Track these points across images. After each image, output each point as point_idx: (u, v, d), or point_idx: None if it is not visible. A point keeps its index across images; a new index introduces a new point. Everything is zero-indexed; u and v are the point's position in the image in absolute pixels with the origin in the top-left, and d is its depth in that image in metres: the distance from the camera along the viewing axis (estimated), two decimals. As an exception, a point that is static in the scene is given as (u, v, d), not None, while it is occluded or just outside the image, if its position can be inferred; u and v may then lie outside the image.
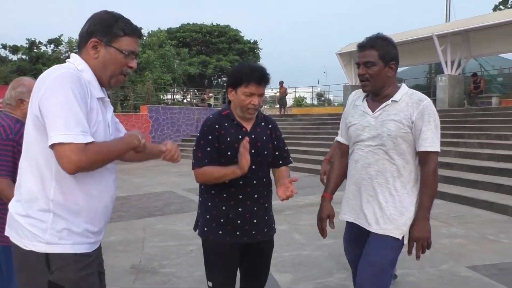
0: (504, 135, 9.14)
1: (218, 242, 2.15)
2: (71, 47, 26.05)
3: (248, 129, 2.17)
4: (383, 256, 2.01)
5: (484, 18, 14.57)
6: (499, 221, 5.41)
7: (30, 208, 1.47)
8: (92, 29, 1.55)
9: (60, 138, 1.33)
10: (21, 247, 1.46)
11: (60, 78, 1.40)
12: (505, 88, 17.70)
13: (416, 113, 1.99)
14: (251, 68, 2.12)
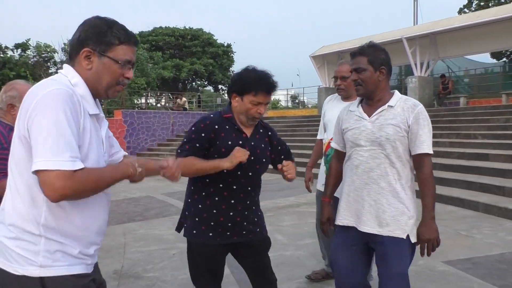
0: (473, 134, 9.52)
1: (206, 244, 2.12)
2: (39, 52, 25.39)
3: (249, 135, 2.17)
4: (401, 265, 2.05)
5: (450, 21, 15.09)
6: (470, 217, 5.64)
7: (19, 231, 1.34)
8: (84, 37, 1.42)
9: (44, 164, 1.21)
10: (12, 272, 1.33)
11: (51, 97, 1.27)
12: (471, 89, 18.39)
13: (412, 117, 2.06)
14: (260, 77, 2.08)
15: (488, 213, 5.68)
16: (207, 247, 2.14)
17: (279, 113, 21.89)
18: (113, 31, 1.43)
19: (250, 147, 2.11)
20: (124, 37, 1.44)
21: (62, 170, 1.21)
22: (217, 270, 2.24)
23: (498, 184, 6.32)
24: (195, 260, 2.20)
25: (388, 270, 2.04)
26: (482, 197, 6.12)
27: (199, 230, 2.13)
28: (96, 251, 1.50)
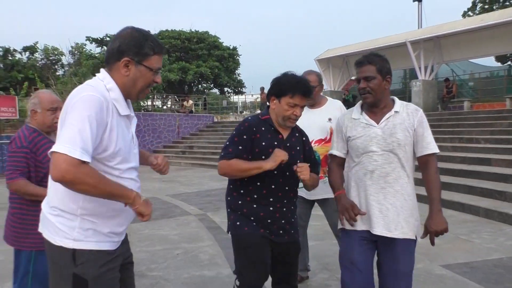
0: (475, 139, 9.54)
1: (254, 234, 2.19)
2: (47, 55, 25.73)
3: (284, 137, 2.27)
4: (410, 265, 2.19)
5: (454, 24, 15.11)
6: (470, 221, 5.70)
7: (61, 210, 1.61)
8: (123, 48, 1.62)
9: (58, 148, 1.42)
10: (52, 242, 1.61)
11: (82, 101, 1.50)
12: (475, 93, 18.37)
13: (416, 121, 2.19)
14: (297, 80, 2.20)
15: (489, 218, 5.72)
16: (252, 236, 2.19)
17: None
18: (149, 43, 1.65)
19: (286, 148, 2.21)
20: (157, 48, 1.67)
21: (71, 156, 1.41)
22: (266, 265, 2.24)
23: (500, 189, 6.36)
24: (241, 252, 2.23)
25: (399, 269, 2.16)
26: (483, 202, 6.16)
27: (243, 221, 2.21)
28: (124, 230, 1.75)
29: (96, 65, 21.75)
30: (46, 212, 1.67)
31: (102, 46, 24.71)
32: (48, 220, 1.65)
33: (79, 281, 1.59)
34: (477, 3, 24.08)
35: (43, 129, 2.65)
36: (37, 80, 19.13)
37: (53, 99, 2.67)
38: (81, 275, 1.59)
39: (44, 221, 1.68)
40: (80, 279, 1.59)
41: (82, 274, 1.59)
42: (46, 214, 1.66)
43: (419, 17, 23.72)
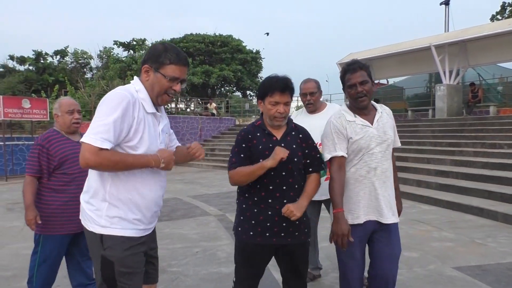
0: (498, 144, 9.42)
1: (248, 242, 2.29)
2: (76, 58, 26.59)
3: (278, 138, 2.31)
4: (400, 247, 2.45)
5: (481, 28, 14.87)
6: (488, 226, 5.69)
7: (92, 198, 1.88)
8: (146, 57, 1.92)
9: (86, 139, 1.72)
10: (86, 228, 1.90)
11: (112, 97, 1.78)
12: (503, 97, 17.95)
13: (392, 119, 2.49)
14: (274, 79, 2.27)
15: (507, 223, 5.71)
16: (248, 245, 2.30)
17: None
18: (167, 54, 1.89)
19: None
20: (174, 59, 1.89)
21: (92, 146, 1.70)
22: (257, 268, 2.37)
23: (519, 194, 6.32)
24: (237, 256, 2.40)
25: (393, 251, 2.39)
26: (501, 207, 6.13)
27: (243, 228, 2.32)
28: (152, 218, 1.98)
29: (122, 68, 22.37)
30: (81, 201, 1.94)
31: (129, 50, 25.36)
32: (82, 208, 1.93)
33: (106, 262, 1.85)
34: (507, 7, 23.53)
35: (64, 129, 3.01)
36: (67, 83, 19.82)
37: (70, 103, 3.03)
38: (107, 257, 1.84)
39: (81, 209, 1.95)
40: (107, 260, 1.84)
41: (109, 256, 1.83)
42: (81, 202, 1.94)
43: (446, 20, 23.41)
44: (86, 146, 1.71)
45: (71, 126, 3.00)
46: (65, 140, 2.96)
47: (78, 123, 3.03)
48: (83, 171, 2.82)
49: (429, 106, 17.73)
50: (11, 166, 13.50)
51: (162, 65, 1.88)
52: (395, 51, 17.30)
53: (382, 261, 2.37)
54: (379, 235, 2.40)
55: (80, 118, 3.06)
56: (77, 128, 3.04)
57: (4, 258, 4.57)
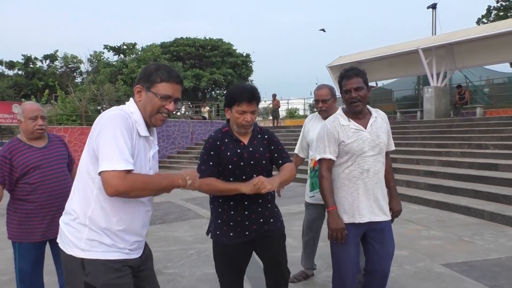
0: (485, 144, 9.64)
1: (229, 244, 2.39)
2: (66, 63, 26.45)
3: (246, 143, 2.41)
4: (393, 244, 2.58)
5: (467, 32, 15.18)
6: (475, 224, 5.85)
7: (72, 220, 1.76)
8: (138, 78, 1.86)
9: (105, 166, 1.59)
10: (64, 251, 1.76)
11: (111, 118, 1.69)
12: (490, 99, 18.30)
13: (387, 123, 2.61)
14: (241, 89, 2.34)
15: (493, 221, 5.87)
16: (229, 247, 2.41)
17: (296, 122, 22.17)
18: (158, 72, 1.83)
19: (248, 152, 2.38)
20: (165, 77, 1.82)
21: (117, 171, 1.58)
22: (239, 267, 2.49)
23: (505, 193, 6.49)
24: (218, 259, 2.48)
25: (387, 249, 2.52)
26: (488, 206, 6.30)
27: (222, 231, 2.42)
28: (134, 244, 1.83)
29: (113, 72, 22.31)
30: (61, 222, 1.83)
31: (119, 54, 25.32)
32: (61, 230, 1.81)
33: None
34: (492, 10, 24.02)
35: (28, 136, 2.98)
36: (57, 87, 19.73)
37: (33, 109, 2.99)
38: (91, 283, 1.70)
39: (60, 231, 1.82)
40: (90, 286, 1.70)
41: (92, 282, 1.70)
42: (60, 224, 1.82)
43: (433, 24, 23.78)
44: (110, 174, 1.58)
45: (34, 132, 2.95)
46: (28, 149, 2.92)
47: (41, 129, 2.98)
48: (45, 180, 2.89)
49: (417, 108, 18.01)
50: (1, 171, 13.42)
51: (154, 83, 1.81)
52: (384, 54, 17.56)
53: (377, 258, 2.49)
54: (373, 234, 2.51)
55: (43, 124, 2.99)
56: (40, 134, 2.99)
57: (1, 263, 4.61)
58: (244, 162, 2.38)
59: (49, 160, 2.95)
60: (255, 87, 2.40)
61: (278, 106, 21.11)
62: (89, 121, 18.25)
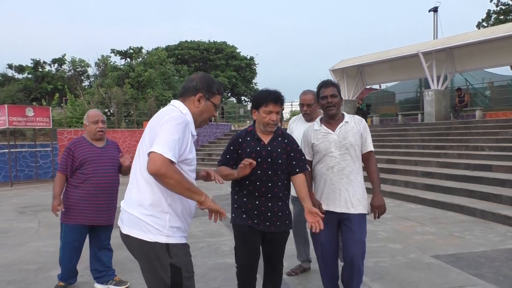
0: (481, 146, 10.00)
1: (242, 225, 2.70)
2: (74, 66, 26.95)
3: (266, 142, 2.71)
4: (363, 233, 2.91)
5: (466, 36, 15.53)
6: (466, 221, 6.23)
7: (154, 210, 1.95)
8: (199, 86, 2.13)
9: (158, 149, 1.80)
10: (146, 240, 1.94)
11: (175, 118, 1.94)
12: (490, 101, 18.62)
13: (361, 127, 2.98)
14: (268, 92, 2.66)
15: (484, 218, 6.24)
16: (242, 227, 2.71)
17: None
18: (216, 85, 2.18)
19: (267, 151, 2.68)
20: (220, 90, 2.21)
21: (165, 156, 1.81)
22: (252, 248, 2.71)
23: (496, 192, 6.86)
24: (236, 239, 2.77)
25: (354, 238, 2.85)
26: (480, 204, 6.67)
27: (236, 213, 2.75)
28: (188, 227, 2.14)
29: (120, 76, 22.78)
30: (137, 213, 1.97)
31: (126, 58, 25.79)
32: (140, 220, 1.96)
33: (175, 269, 1.96)
34: (492, 14, 24.34)
35: (91, 136, 3.65)
36: (67, 91, 20.23)
37: (95, 115, 3.68)
38: (176, 264, 1.95)
39: (134, 221, 1.97)
40: (176, 267, 1.95)
41: (177, 263, 1.95)
42: (137, 215, 1.97)
43: (435, 27, 24.11)
44: (159, 156, 1.79)
45: (96, 134, 3.63)
46: (89, 146, 3.59)
47: (102, 131, 3.64)
48: (96, 173, 3.51)
49: (418, 110, 18.36)
50: (14, 172, 13.88)
51: (213, 95, 2.16)
52: (385, 57, 17.92)
53: (346, 245, 2.88)
54: (343, 224, 2.91)
55: (103, 127, 3.65)
56: (101, 135, 3.65)
57: (27, 255, 5.04)
58: (262, 158, 2.66)
59: (103, 159, 3.58)
60: (279, 91, 2.70)
61: (282, 109, 21.49)
62: (98, 124, 18.70)
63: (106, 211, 3.60)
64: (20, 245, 5.57)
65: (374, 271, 4.06)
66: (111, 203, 3.63)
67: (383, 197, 3.00)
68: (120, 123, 18.95)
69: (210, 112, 2.19)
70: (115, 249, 5.37)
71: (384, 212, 2.99)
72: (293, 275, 4.03)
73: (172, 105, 2.13)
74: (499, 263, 4.23)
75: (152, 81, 22.90)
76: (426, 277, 3.88)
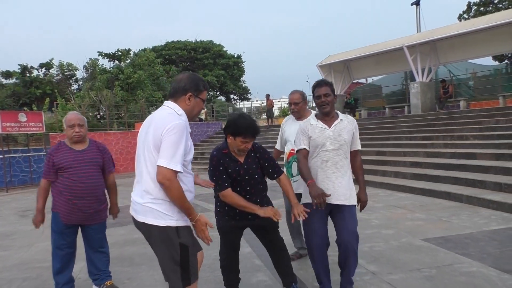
0: (465, 136, 10.40)
1: (225, 225, 3.08)
2: (62, 70, 26.84)
3: (242, 161, 3.00)
4: (355, 223, 3.13)
5: (448, 28, 15.95)
6: (454, 207, 6.58)
7: (162, 200, 2.26)
8: (188, 86, 2.37)
9: (165, 163, 2.13)
10: (158, 225, 2.27)
11: (177, 127, 2.19)
12: (474, 92, 19.10)
13: (353, 127, 3.22)
14: (248, 125, 2.85)
15: (470, 204, 6.60)
16: (224, 227, 3.11)
17: (289, 121, 22.73)
18: (201, 82, 2.44)
19: (244, 170, 2.97)
20: (206, 86, 2.47)
21: (172, 170, 2.16)
22: (233, 243, 3.17)
23: (481, 179, 7.23)
24: (221, 237, 3.20)
25: (347, 227, 3.07)
26: (466, 191, 7.03)
27: (220, 217, 3.13)
28: None
29: (110, 79, 22.80)
30: (148, 203, 2.27)
31: (114, 61, 25.78)
32: (152, 209, 2.26)
33: (184, 247, 2.28)
34: (472, 6, 24.88)
35: (69, 140, 3.66)
36: (57, 95, 20.21)
37: (70, 118, 3.66)
38: (184, 243, 2.28)
39: (148, 210, 2.28)
40: (184, 246, 2.28)
41: (185, 242, 2.29)
42: (148, 205, 2.27)
43: (418, 20, 24.56)
44: (167, 171, 2.13)
45: (72, 138, 3.60)
46: (68, 151, 3.60)
47: (79, 135, 3.60)
48: (75, 177, 3.51)
49: (405, 103, 18.77)
50: (9, 178, 13.94)
51: (201, 92, 2.42)
52: (371, 52, 18.29)
53: (340, 232, 3.10)
54: (336, 213, 3.13)
55: (81, 131, 3.61)
56: (78, 139, 3.61)
57: (38, 254, 5.25)
58: (241, 177, 2.97)
59: (81, 162, 3.57)
60: (255, 122, 2.94)
61: (272, 105, 21.81)
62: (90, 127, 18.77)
63: (86, 213, 3.58)
64: (29, 245, 5.77)
65: (369, 255, 4.36)
66: (92, 205, 3.59)
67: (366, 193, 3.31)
68: (111, 125, 19.03)
69: (200, 106, 2.46)
70: (120, 246, 5.61)
71: (366, 205, 3.30)
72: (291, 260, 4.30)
73: (167, 107, 2.37)
74: (483, 243, 4.56)
75: (141, 82, 22.96)
76: (417, 257, 4.19)
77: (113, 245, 5.23)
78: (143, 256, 4.84)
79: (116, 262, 4.60)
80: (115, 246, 5.29)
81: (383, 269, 3.92)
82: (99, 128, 18.55)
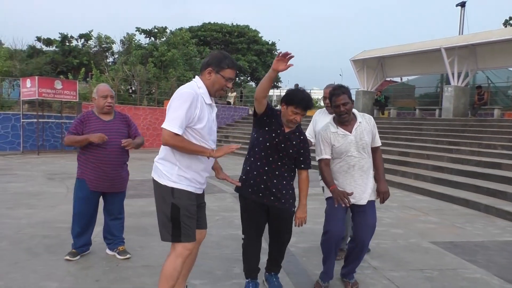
0: (493, 145, 10.14)
1: (247, 198, 3.01)
2: (100, 42, 27.48)
3: (286, 131, 3.00)
4: (375, 218, 3.25)
5: (490, 33, 15.40)
6: (470, 214, 6.50)
7: (165, 161, 2.53)
8: (210, 62, 2.53)
9: (165, 125, 2.37)
10: (160, 182, 2.54)
11: (182, 94, 2.41)
12: (511, 101, 18.42)
13: (372, 125, 3.26)
14: (302, 97, 2.91)
15: (487, 213, 6.50)
16: (246, 200, 3.04)
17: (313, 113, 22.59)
18: (226, 60, 2.54)
19: (284, 137, 2.95)
20: (231, 65, 2.56)
21: (170, 131, 2.36)
22: (256, 220, 3.06)
23: (502, 189, 7.09)
24: (242, 212, 3.11)
25: (366, 222, 3.19)
26: (485, 200, 6.92)
27: (244, 186, 3.04)
28: (203, 181, 2.64)
29: (144, 55, 23.22)
30: (156, 162, 2.58)
31: (150, 37, 26.19)
32: (157, 167, 2.57)
33: (175, 207, 2.49)
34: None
35: (98, 110, 3.86)
36: (93, 66, 20.77)
37: (104, 89, 3.87)
38: (176, 204, 2.49)
39: (155, 169, 2.59)
40: (175, 206, 2.49)
41: (177, 203, 2.49)
42: (156, 163, 2.58)
43: (461, 22, 23.79)
44: (166, 131, 2.35)
45: (104, 108, 3.81)
46: (96, 120, 3.80)
47: (110, 106, 3.81)
48: (100, 146, 3.70)
49: (437, 106, 18.35)
50: (41, 142, 14.56)
51: (222, 69, 2.52)
52: (406, 51, 17.88)
53: (359, 229, 3.21)
54: (358, 211, 3.22)
55: (112, 102, 3.83)
56: (109, 109, 3.83)
57: (61, 215, 5.56)
58: (277, 142, 2.97)
59: (108, 132, 3.76)
60: (311, 98, 2.99)
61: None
62: (121, 100, 19.28)
63: (110, 181, 3.79)
64: (53, 206, 6.11)
65: (374, 251, 4.42)
66: (115, 174, 3.81)
67: (386, 183, 3.33)
68: (142, 100, 19.47)
69: (221, 83, 2.57)
70: (138, 217, 5.86)
71: (388, 197, 3.30)
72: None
73: (193, 80, 2.59)
74: (493, 252, 4.53)
75: (174, 61, 23.27)
76: (421, 258, 4.22)
77: (131, 215, 5.48)
78: (157, 228, 5.04)
79: (131, 230, 4.83)
80: (133, 216, 5.54)
81: (386, 266, 3.97)
82: (130, 102, 19.00)
